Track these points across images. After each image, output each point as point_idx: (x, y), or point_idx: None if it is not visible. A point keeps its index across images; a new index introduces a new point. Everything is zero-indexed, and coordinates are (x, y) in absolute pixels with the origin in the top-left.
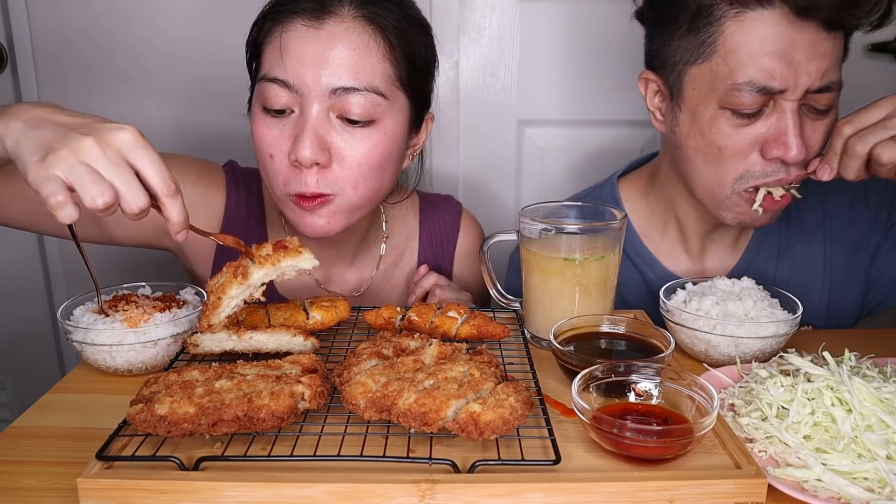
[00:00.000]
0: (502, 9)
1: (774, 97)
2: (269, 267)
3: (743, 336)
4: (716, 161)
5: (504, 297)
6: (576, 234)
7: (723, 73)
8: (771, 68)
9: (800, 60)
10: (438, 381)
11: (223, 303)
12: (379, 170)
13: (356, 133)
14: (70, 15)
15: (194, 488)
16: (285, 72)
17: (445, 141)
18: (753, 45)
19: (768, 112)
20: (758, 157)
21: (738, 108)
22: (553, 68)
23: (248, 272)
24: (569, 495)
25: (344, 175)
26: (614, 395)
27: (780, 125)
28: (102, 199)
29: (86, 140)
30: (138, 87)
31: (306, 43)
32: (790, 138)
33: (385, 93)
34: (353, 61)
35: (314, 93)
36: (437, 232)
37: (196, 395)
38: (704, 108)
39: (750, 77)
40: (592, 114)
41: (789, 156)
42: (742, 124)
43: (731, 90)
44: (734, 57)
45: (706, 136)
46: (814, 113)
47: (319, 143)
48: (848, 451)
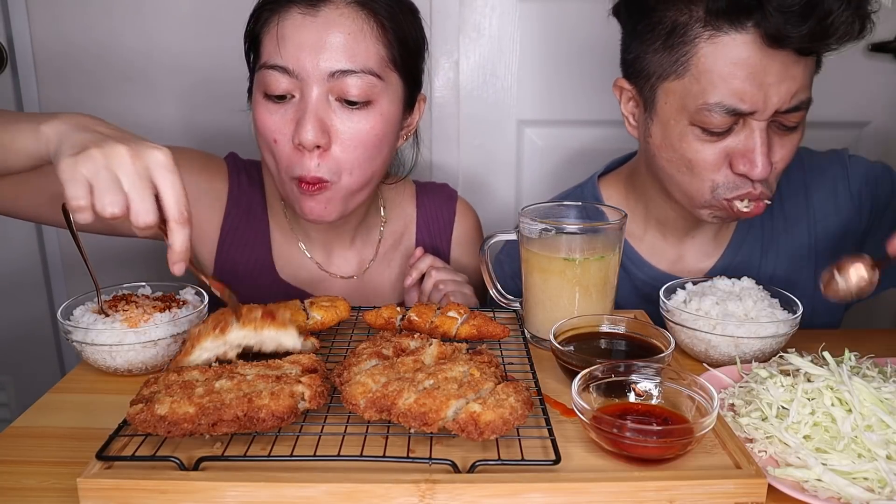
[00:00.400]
0: (502, 9)
1: (744, 117)
2: (250, 331)
3: (743, 336)
4: (689, 172)
5: (504, 297)
6: (576, 234)
7: (694, 92)
8: (741, 91)
9: (770, 83)
10: (438, 381)
11: (194, 353)
12: (375, 150)
13: (355, 114)
14: (70, 15)
15: (194, 488)
16: (285, 58)
17: (446, 140)
18: (725, 68)
19: (737, 129)
20: (727, 171)
21: (708, 126)
22: (553, 68)
23: (228, 328)
24: (569, 495)
25: (343, 157)
26: (614, 395)
27: (748, 143)
28: (112, 209)
29: (119, 147)
30: (138, 87)
31: (303, 30)
32: (756, 156)
33: (380, 74)
34: (348, 45)
35: (313, 77)
36: (433, 217)
37: (196, 395)
38: (675, 123)
39: (720, 98)
40: (592, 114)
41: (754, 173)
42: (711, 140)
43: (701, 109)
44: (706, 77)
45: (677, 150)
46: (782, 129)
47: (321, 125)
48: (848, 451)
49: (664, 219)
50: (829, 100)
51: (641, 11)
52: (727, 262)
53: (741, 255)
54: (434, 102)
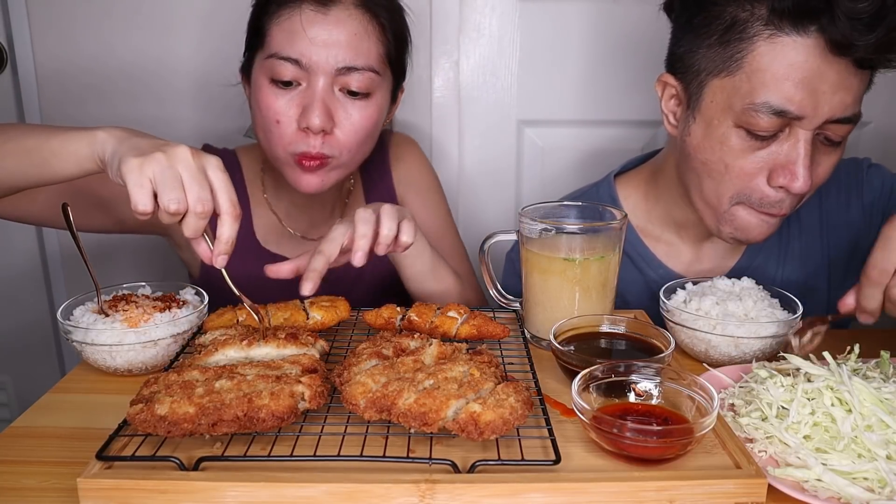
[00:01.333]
0: (502, 9)
1: (791, 123)
2: (273, 348)
3: (743, 336)
4: (720, 177)
5: (504, 297)
6: (576, 234)
7: (744, 91)
8: (792, 94)
9: (824, 91)
10: (438, 381)
11: (216, 356)
12: (371, 136)
13: (356, 104)
14: (70, 16)
15: (194, 488)
16: (296, 51)
17: (446, 140)
18: (780, 69)
19: (783, 138)
20: (763, 182)
21: (753, 128)
22: (553, 68)
23: (254, 344)
24: (569, 495)
25: (344, 140)
26: (614, 395)
27: (791, 153)
28: (176, 205)
29: (180, 149)
30: (138, 87)
31: (315, 26)
32: (799, 168)
33: (379, 70)
34: (354, 44)
35: (322, 70)
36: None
37: (196, 395)
38: (719, 123)
39: (769, 98)
40: (593, 114)
41: (795, 186)
42: (754, 146)
43: (748, 109)
44: (758, 76)
45: (716, 152)
46: (828, 144)
47: (326, 112)
48: (848, 451)
49: (684, 222)
50: None
51: (700, 4)
52: (743, 268)
53: (758, 260)
54: (434, 102)
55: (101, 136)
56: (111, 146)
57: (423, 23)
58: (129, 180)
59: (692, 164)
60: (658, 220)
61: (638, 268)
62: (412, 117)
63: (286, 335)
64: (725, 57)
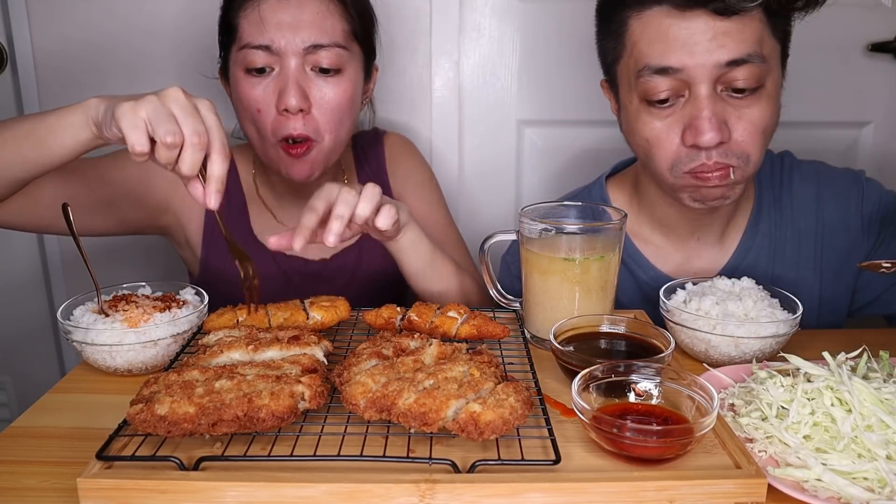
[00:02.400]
0: (502, 9)
1: (688, 84)
2: (277, 350)
3: (743, 336)
4: (651, 153)
5: (504, 297)
6: (576, 234)
7: (631, 65)
8: (665, 51)
9: (696, 42)
10: (438, 381)
11: (221, 357)
12: (347, 111)
13: (329, 80)
14: (70, 15)
15: (194, 488)
16: (266, 38)
17: (446, 140)
18: (651, 34)
19: (684, 101)
20: (681, 146)
21: (650, 95)
22: (553, 68)
23: (261, 348)
24: (569, 495)
25: (322, 119)
26: (614, 395)
27: (693, 111)
28: (172, 137)
29: (172, 89)
30: (138, 86)
31: (280, 12)
32: (702, 122)
33: (346, 45)
34: (318, 22)
35: (291, 52)
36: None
37: (196, 395)
38: (630, 103)
39: (648, 61)
40: (593, 114)
41: (702, 140)
42: (661, 115)
43: (638, 79)
44: (638, 48)
45: (637, 131)
46: (737, 94)
47: (301, 92)
48: (848, 451)
49: (668, 220)
50: (830, 100)
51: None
52: (734, 267)
53: (747, 261)
54: (434, 102)
55: (92, 101)
56: (103, 106)
57: (423, 23)
58: (123, 124)
59: (634, 151)
60: (646, 222)
61: (629, 269)
62: (412, 117)
63: (289, 339)
64: (615, 44)
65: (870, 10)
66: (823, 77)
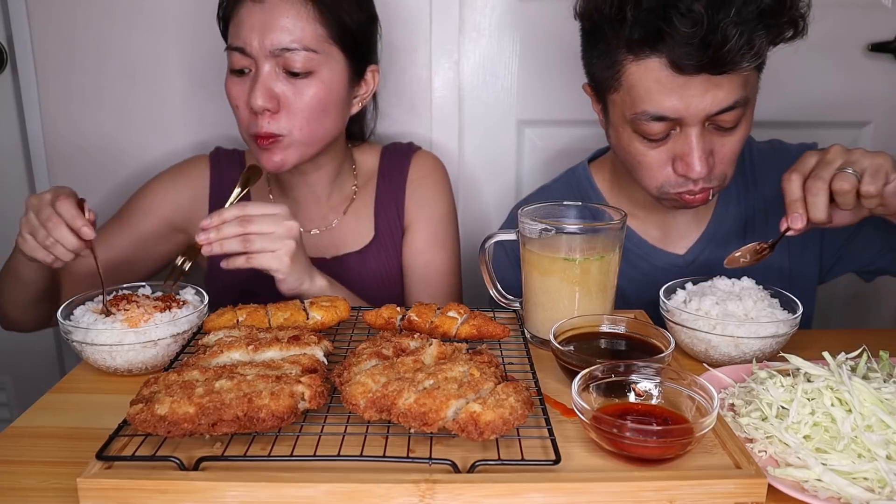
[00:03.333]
0: (502, 9)
1: (678, 123)
2: (277, 350)
3: (743, 336)
4: (640, 170)
5: (504, 297)
6: (576, 234)
7: (627, 104)
8: (663, 103)
9: (692, 95)
10: (438, 381)
11: (221, 357)
12: (320, 112)
13: (298, 83)
14: (70, 15)
15: (194, 488)
16: (240, 40)
17: (446, 140)
18: (649, 84)
19: (675, 135)
20: (671, 172)
21: (645, 134)
22: (553, 68)
23: (261, 348)
24: (569, 495)
25: (290, 119)
26: (614, 395)
27: (685, 147)
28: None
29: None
30: (138, 86)
31: (253, 15)
32: (693, 160)
33: (317, 49)
34: (288, 27)
35: (261, 54)
36: (392, 168)
37: (196, 395)
38: (622, 130)
39: (646, 108)
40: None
41: (692, 174)
42: (653, 146)
43: (634, 119)
44: (634, 91)
45: (628, 152)
46: (722, 130)
47: (269, 93)
48: (848, 451)
49: (644, 202)
50: (829, 100)
51: (588, 31)
52: (710, 237)
53: (722, 229)
54: (434, 102)
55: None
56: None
57: (423, 23)
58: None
59: (622, 160)
60: (626, 200)
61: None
62: (412, 117)
63: (289, 339)
64: (609, 75)
65: (870, 10)
66: (823, 77)
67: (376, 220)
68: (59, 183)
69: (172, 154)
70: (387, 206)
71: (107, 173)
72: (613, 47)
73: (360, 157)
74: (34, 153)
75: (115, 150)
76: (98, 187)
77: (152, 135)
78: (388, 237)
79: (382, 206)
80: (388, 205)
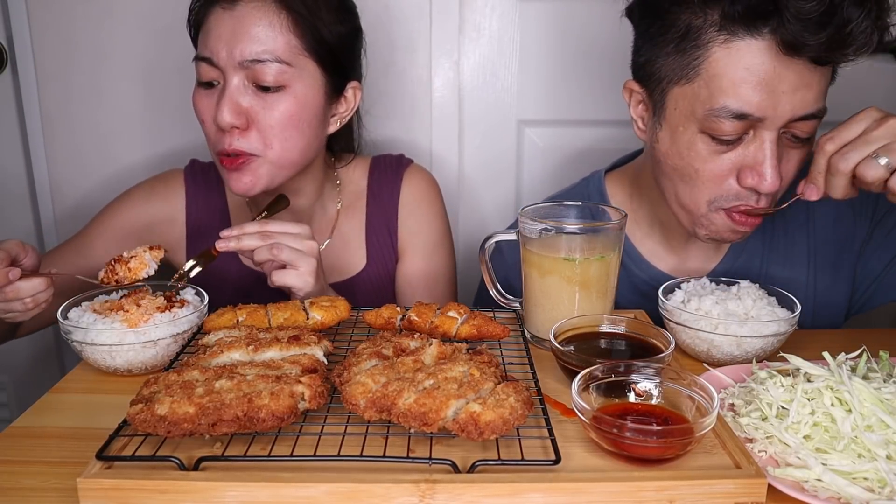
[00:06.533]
0: (502, 9)
1: (755, 125)
2: (277, 350)
3: (745, 335)
4: (692, 182)
5: (504, 297)
6: (576, 234)
7: (703, 97)
8: (750, 97)
9: (783, 91)
10: (438, 381)
11: (220, 357)
12: (292, 130)
13: (268, 98)
14: (70, 15)
15: (194, 488)
16: (208, 49)
17: (446, 140)
18: (737, 73)
19: (748, 140)
20: (734, 183)
21: (717, 133)
22: (553, 68)
23: (261, 348)
24: (569, 495)
25: (260, 136)
26: (614, 395)
27: (758, 155)
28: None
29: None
30: (137, 86)
31: (221, 23)
32: (766, 169)
33: (290, 62)
34: (259, 36)
35: (229, 65)
36: (382, 187)
37: (196, 395)
38: (684, 130)
39: (727, 103)
40: (593, 114)
41: (763, 186)
42: (720, 150)
43: (709, 115)
44: (716, 82)
45: (684, 158)
46: (794, 141)
47: (236, 108)
48: (848, 451)
49: (667, 221)
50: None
51: (655, 14)
52: (728, 266)
53: (742, 259)
54: (434, 102)
55: None
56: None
57: (423, 23)
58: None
59: (664, 170)
60: (643, 220)
61: (624, 266)
62: (412, 117)
63: (289, 339)
64: (683, 64)
65: None
66: None
67: (368, 247)
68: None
69: (172, 154)
70: (378, 230)
71: (106, 174)
72: (697, 28)
73: (345, 175)
74: (34, 153)
75: (115, 150)
76: (97, 188)
77: (151, 135)
78: (380, 265)
79: (374, 230)
80: (380, 230)
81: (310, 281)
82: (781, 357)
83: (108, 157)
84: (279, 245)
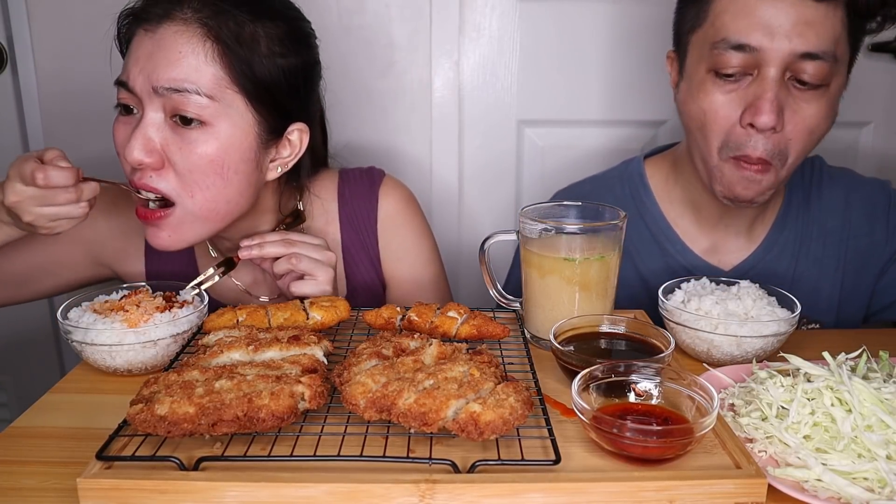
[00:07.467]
0: (502, 9)
1: (758, 64)
2: (277, 351)
3: (746, 335)
4: (702, 127)
5: (504, 297)
6: (576, 234)
7: (709, 36)
8: (747, 28)
9: (780, 24)
10: (438, 381)
11: (220, 357)
12: (215, 177)
13: (188, 134)
14: (70, 15)
15: (194, 488)
16: (126, 73)
17: (446, 140)
18: (737, 8)
19: (752, 80)
20: (736, 125)
21: (720, 68)
22: (553, 68)
23: (261, 348)
24: (569, 495)
25: (178, 180)
26: (614, 395)
27: (758, 90)
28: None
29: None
30: None
31: (140, 46)
32: (764, 103)
33: (214, 96)
34: (177, 63)
35: (145, 92)
36: (356, 210)
37: (196, 395)
38: (696, 72)
39: (727, 35)
40: (592, 114)
41: (759, 121)
42: (726, 89)
43: (712, 50)
44: (720, 19)
45: (696, 101)
46: (801, 86)
47: (148, 144)
48: (848, 451)
49: (699, 202)
50: None
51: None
52: (758, 259)
53: (772, 255)
54: (434, 102)
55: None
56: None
57: (423, 23)
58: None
59: (685, 124)
60: (678, 202)
61: (658, 243)
62: (412, 117)
63: (289, 339)
64: (696, 11)
65: None
66: None
67: (349, 279)
68: None
69: None
70: (358, 259)
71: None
72: None
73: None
74: None
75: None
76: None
77: None
78: (366, 293)
79: (354, 260)
80: (360, 259)
81: (328, 290)
82: (781, 357)
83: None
84: (298, 255)
